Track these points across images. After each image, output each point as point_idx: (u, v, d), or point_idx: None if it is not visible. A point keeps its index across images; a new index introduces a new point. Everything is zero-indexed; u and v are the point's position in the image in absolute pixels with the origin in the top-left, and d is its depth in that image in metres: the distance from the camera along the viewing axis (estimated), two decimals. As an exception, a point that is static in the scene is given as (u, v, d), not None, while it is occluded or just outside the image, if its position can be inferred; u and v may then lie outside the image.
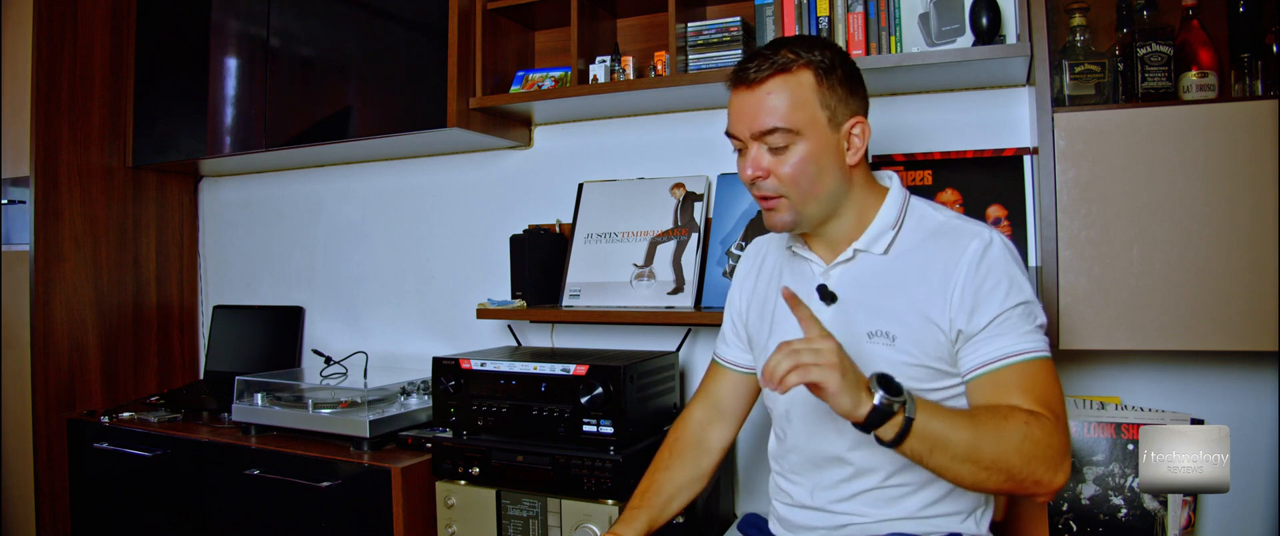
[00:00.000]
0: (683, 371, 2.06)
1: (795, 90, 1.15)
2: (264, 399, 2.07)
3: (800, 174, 1.16)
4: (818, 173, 1.17)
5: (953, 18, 1.64)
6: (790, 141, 1.15)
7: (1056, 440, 1.05)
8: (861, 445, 1.21)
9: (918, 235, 1.22)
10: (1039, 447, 1.03)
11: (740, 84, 1.18)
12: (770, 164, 1.17)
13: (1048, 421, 1.06)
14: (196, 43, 2.41)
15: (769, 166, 1.17)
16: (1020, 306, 1.13)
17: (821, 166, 1.17)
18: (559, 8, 1.99)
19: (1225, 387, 1.64)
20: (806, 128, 1.15)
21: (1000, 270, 1.13)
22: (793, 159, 1.16)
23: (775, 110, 1.15)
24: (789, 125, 1.14)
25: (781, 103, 1.15)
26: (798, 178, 1.16)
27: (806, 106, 1.15)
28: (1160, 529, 1.53)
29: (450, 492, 1.77)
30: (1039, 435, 1.03)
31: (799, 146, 1.15)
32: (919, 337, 1.16)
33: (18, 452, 2.34)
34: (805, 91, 1.15)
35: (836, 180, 1.19)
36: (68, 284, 2.39)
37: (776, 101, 1.15)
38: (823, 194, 1.18)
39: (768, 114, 1.15)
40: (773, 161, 1.17)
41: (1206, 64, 1.48)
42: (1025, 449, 1.02)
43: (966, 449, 1.01)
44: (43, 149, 2.32)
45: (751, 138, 1.17)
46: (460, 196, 2.38)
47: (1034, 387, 1.09)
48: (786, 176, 1.16)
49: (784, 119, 1.14)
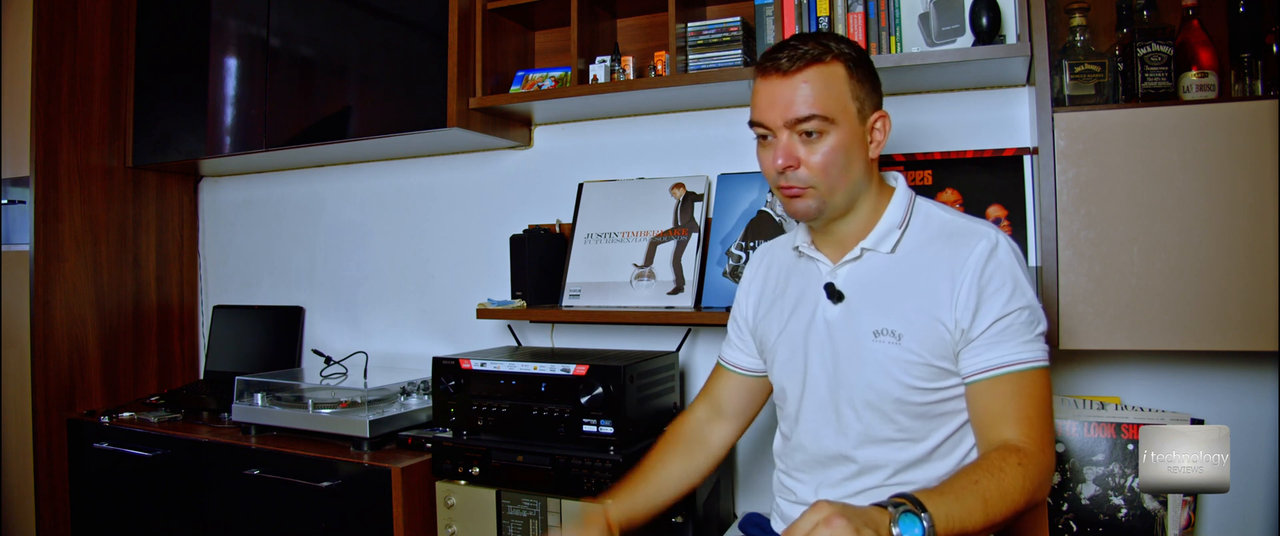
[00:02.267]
0: (683, 371, 2.06)
1: (830, 79, 1.17)
2: (264, 399, 2.07)
3: (831, 163, 1.17)
4: (847, 162, 1.18)
5: (953, 18, 1.64)
6: (825, 129, 1.17)
7: (1045, 462, 1.11)
8: (866, 443, 1.22)
9: (924, 234, 1.23)
10: (1034, 482, 1.08)
11: (772, 72, 1.18)
12: (802, 153, 1.17)
13: (1035, 454, 1.10)
14: (196, 43, 2.41)
15: (801, 156, 1.18)
16: (1022, 311, 1.14)
17: (850, 156, 1.19)
18: (559, 8, 1.99)
19: (1225, 387, 1.64)
20: (840, 117, 1.17)
21: (1005, 272, 1.15)
22: (824, 148, 1.17)
23: (811, 98, 1.16)
24: (825, 113, 1.16)
25: (818, 91, 1.16)
26: (828, 166, 1.17)
27: (840, 97, 1.17)
28: (1160, 529, 1.53)
29: (450, 492, 1.77)
30: (1033, 471, 1.08)
31: (831, 135, 1.17)
32: (925, 337, 1.17)
33: (18, 452, 2.34)
34: (838, 81, 1.17)
35: (861, 172, 1.21)
36: (68, 284, 2.39)
37: (813, 90, 1.16)
38: (849, 185, 1.20)
39: (804, 101, 1.16)
40: (804, 151, 1.17)
41: (1206, 64, 1.48)
42: (1027, 488, 1.07)
43: (982, 519, 1.04)
44: (43, 149, 2.32)
45: (785, 125, 1.17)
46: (460, 196, 2.38)
47: (1026, 404, 1.12)
48: (817, 165, 1.17)
49: (820, 107, 1.16)
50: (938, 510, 0.99)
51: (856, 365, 1.22)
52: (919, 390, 1.18)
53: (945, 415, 1.20)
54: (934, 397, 1.19)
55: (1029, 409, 1.12)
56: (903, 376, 1.18)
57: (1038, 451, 1.10)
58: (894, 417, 1.20)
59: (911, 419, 1.20)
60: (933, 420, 1.20)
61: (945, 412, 1.20)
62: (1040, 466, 1.10)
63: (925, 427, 1.20)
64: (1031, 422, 1.12)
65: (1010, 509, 1.06)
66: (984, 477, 1.06)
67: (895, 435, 1.21)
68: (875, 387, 1.20)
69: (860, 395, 1.21)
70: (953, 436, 1.21)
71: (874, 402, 1.20)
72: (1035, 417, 1.12)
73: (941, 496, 1.02)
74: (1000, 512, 1.05)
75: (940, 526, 0.98)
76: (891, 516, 0.97)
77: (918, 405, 1.19)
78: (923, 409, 1.19)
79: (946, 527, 0.99)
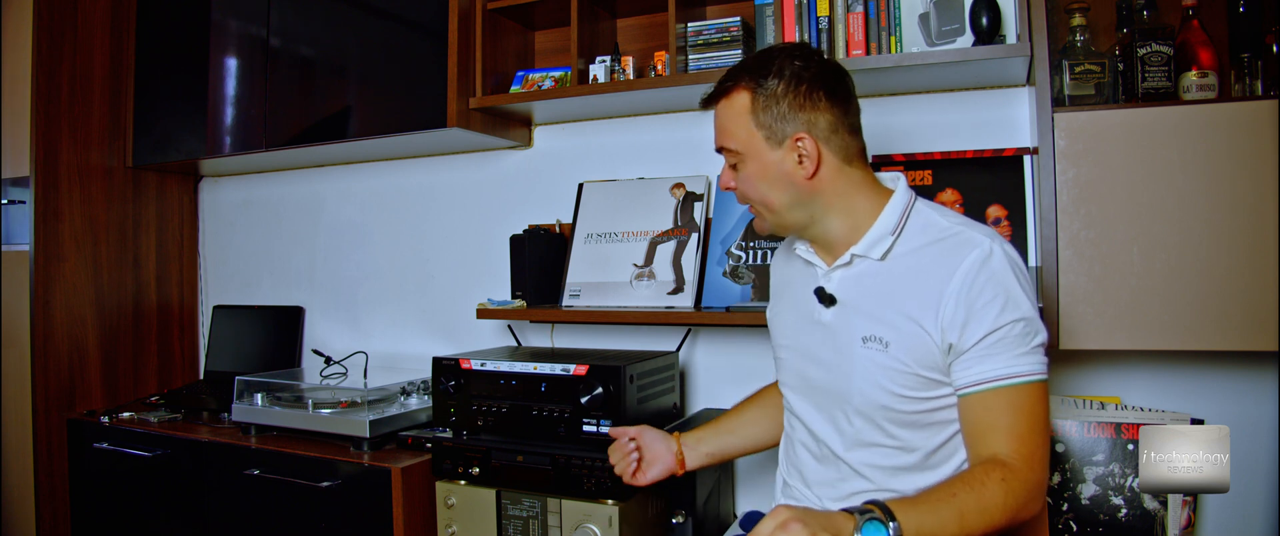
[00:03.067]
0: (683, 371, 2.06)
1: (733, 113, 1.22)
2: (264, 399, 2.07)
3: (750, 189, 1.24)
4: (767, 188, 1.22)
5: (953, 18, 1.64)
6: (736, 160, 1.23)
7: (1033, 479, 1.09)
8: (858, 447, 1.22)
9: (919, 241, 1.20)
10: (1018, 499, 1.07)
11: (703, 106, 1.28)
12: (733, 180, 1.26)
13: (1022, 471, 1.08)
14: (196, 43, 2.41)
15: (731, 181, 1.26)
16: (1017, 324, 1.11)
17: (770, 182, 1.21)
18: (559, 8, 1.99)
19: (1225, 387, 1.64)
20: (745, 147, 1.22)
21: (996, 284, 1.11)
22: (743, 175, 1.24)
23: (722, 130, 1.24)
24: (732, 145, 1.22)
25: (724, 124, 1.24)
26: (749, 192, 1.25)
27: (744, 128, 1.21)
28: (1160, 529, 1.53)
29: (450, 492, 1.77)
30: (1017, 488, 1.07)
31: (748, 163, 1.22)
32: (912, 345, 1.16)
33: (18, 452, 2.34)
34: (740, 113, 1.21)
35: (791, 194, 1.21)
36: (68, 284, 2.39)
37: (721, 123, 1.24)
38: (779, 206, 1.23)
39: (718, 134, 1.25)
40: (734, 176, 1.26)
41: (1206, 64, 1.48)
42: (1010, 505, 1.06)
43: (956, 532, 1.03)
44: (43, 149, 2.32)
45: (718, 152, 1.27)
46: (460, 196, 2.38)
47: (1017, 421, 1.10)
48: (741, 190, 1.26)
49: (727, 139, 1.24)
50: (908, 520, 0.98)
51: (847, 370, 1.21)
52: (906, 398, 1.17)
53: (936, 424, 1.19)
54: (923, 407, 1.17)
55: (1020, 424, 1.10)
56: (889, 384, 1.17)
57: (1024, 468, 1.08)
58: (883, 424, 1.19)
59: (900, 426, 1.19)
60: (924, 428, 1.19)
61: (936, 422, 1.18)
62: (1026, 483, 1.07)
63: (916, 436, 1.19)
64: (1021, 438, 1.09)
65: (988, 525, 1.04)
66: (963, 491, 1.05)
67: (884, 441, 1.20)
68: (864, 394, 1.19)
69: (851, 400, 1.21)
70: (945, 445, 1.20)
71: (863, 408, 1.20)
72: (1026, 433, 1.10)
73: (915, 507, 1.01)
74: (977, 528, 1.03)
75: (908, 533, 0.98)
76: (856, 523, 0.97)
77: (906, 413, 1.18)
78: (912, 417, 1.18)
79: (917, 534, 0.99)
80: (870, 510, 0.99)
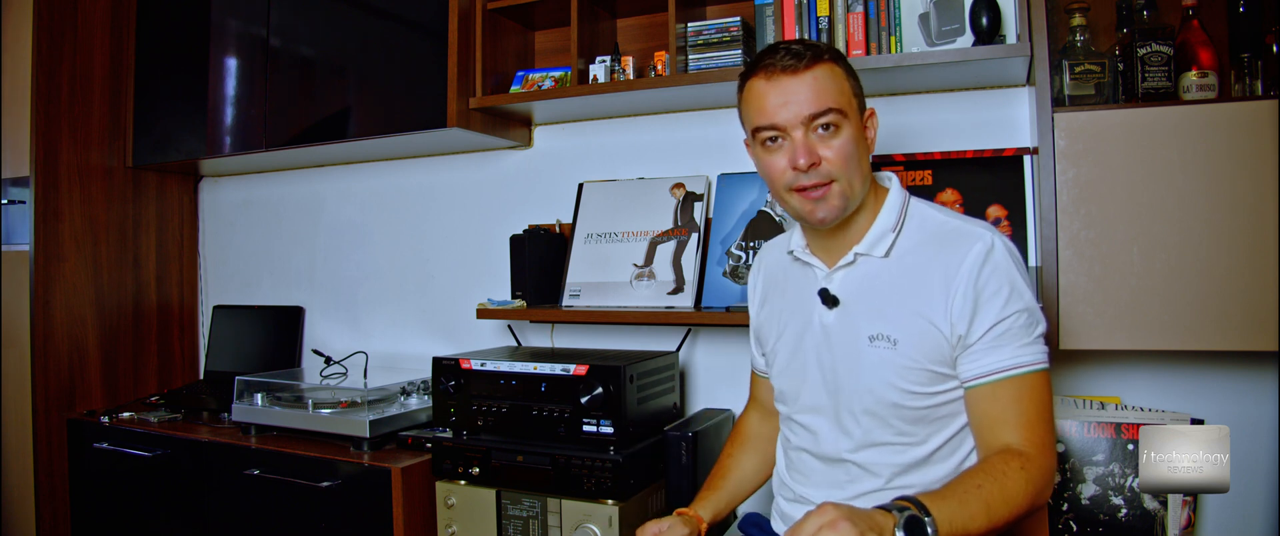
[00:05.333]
0: (683, 371, 2.06)
1: (829, 77, 1.19)
2: (264, 399, 2.07)
3: (850, 154, 1.18)
4: (860, 156, 1.20)
5: (953, 18, 1.64)
6: (840, 123, 1.18)
7: (1047, 465, 1.12)
8: (865, 447, 1.22)
9: (918, 237, 1.22)
10: (1036, 485, 1.09)
11: (779, 72, 1.18)
12: (825, 147, 1.17)
13: (1037, 458, 1.10)
14: (196, 43, 2.41)
15: (821, 150, 1.17)
16: (1021, 314, 1.14)
17: (860, 150, 1.20)
18: (559, 8, 1.99)
19: (1225, 387, 1.64)
20: (849, 110, 1.19)
21: (1002, 275, 1.14)
22: (840, 141, 1.18)
23: (828, 92, 1.17)
24: (839, 106, 1.18)
25: (831, 85, 1.18)
26: (847, 158, 1.18)
27: (845, 91, 1.20)
28: (1160, 529, 1.53)
29: (450, 492, 1.77)
30: (1036, 475, 1.09)
31: (846, 128, 1.19)
32: (920, 341, 1.17)
33: (18, 452, 2.34)
34: (841, 78, 1.20)
35: (867, 166, 1.23)
36: (68, 284, 2.39)
37: (827, 84, 1.18)
38: (863, 179, 1.21)
39: (817, 97, 1.17)
40: (823, 146, 1.17)
41: (1206, 64, 1.48)
42: (1030, 491, 1.08)
43: (985, 523, 1.04)
44: (43, 149, 2.32)
45: (803, 122, 1.17)
46: (460, 196, 2.38)
47: (1027, 408, 1.12)
48: (837, 158, 1.17)
49: (835, 100, 1.18)
50: (940, 513, 0.99)
51: (853, 370, 1.21)
52: (916, 394, 1.18)
53: (944, 418, 1.20)
54: (932, 402, 1.18)
55: (1030, 412, 1.12)
56: (899, 381, 1.18)
57: (1039, 454, 1.11)
58: (892, 422, 1.20)
59: (910, 423, 1.19)
60: (932, 423, 1.20)
61: (944, 416, 1.19)
62: (1042, 469, 1.10)
63: (924, 431, 1.20)
64: (1032, 426, 1.12)
65: (1013, 512, 1.06)
66: (987, 481, 1.06)
67: (894, 439, 1.20)
68: (873, 393, 1.20)
69: (858, 400, 1.21)
70: (952, 439, 1.20)
71: (871, 407, 1.20)
72: (1036, 421, 1.12)
73: (944, 500, 1.02)
74: (1003, 516, 1.05)
75: (943, 529, 0.99)
76: (896, 520, 0.97)
77: (916, 409, 1.18)
78: (921, 413, 1.19)
79: (949, 531, 0.99)
80: (906, 506, 0.99)
